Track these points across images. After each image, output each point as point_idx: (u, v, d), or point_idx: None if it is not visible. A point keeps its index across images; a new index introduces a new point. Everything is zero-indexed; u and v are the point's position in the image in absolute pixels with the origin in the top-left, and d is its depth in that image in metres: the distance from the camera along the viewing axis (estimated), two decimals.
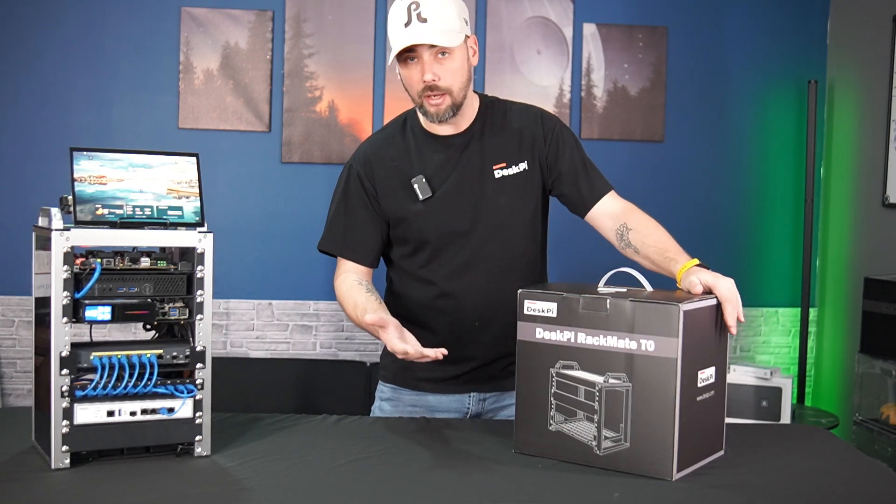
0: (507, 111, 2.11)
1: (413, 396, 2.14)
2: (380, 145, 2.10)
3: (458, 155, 2.05)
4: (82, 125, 3.90)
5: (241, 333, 4.04)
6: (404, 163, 2.06)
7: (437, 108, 1.97)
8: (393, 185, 2.05)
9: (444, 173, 2.04)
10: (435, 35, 1.90)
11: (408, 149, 2.07)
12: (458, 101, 1.98)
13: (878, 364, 3.48)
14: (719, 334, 1.73)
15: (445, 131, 2.06)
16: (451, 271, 2.05)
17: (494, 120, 2.08)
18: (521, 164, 2.06)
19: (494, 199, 2.04)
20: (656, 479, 1.60)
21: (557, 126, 2.10)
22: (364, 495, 1.51)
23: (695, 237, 4.19)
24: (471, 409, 2.12)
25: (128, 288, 1.60)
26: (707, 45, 4.18)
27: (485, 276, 2.05)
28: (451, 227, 2.04)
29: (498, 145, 2.06)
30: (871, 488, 1.62)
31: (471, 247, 2.05)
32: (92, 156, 1.59)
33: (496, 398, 2.12)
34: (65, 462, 1.56)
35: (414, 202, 2.03)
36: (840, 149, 4.17)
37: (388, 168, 2.06)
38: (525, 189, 2.06)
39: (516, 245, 2.08)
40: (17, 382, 3.97)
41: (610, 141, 4.12)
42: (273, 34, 3.97)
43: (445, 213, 2.03)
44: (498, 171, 2.05)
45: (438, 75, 1.94)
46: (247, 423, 1.88)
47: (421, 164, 2.05)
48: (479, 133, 2.07)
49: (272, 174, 3.99)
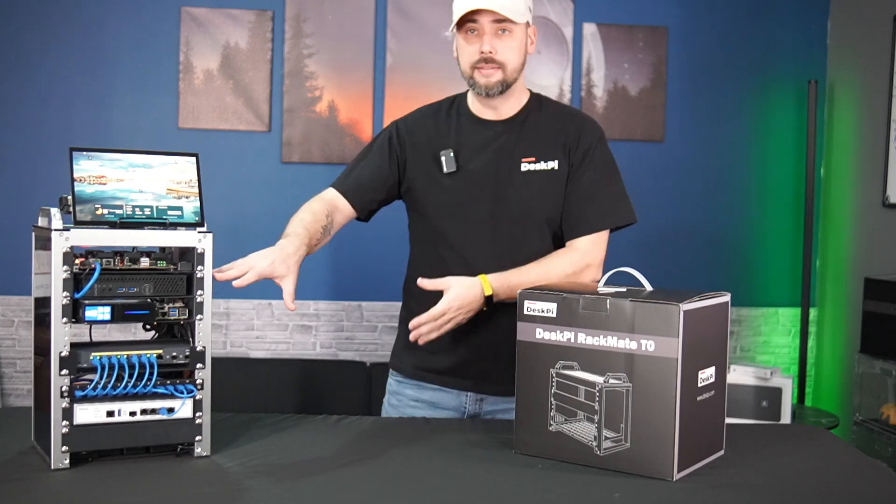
0: (554, 109, 2.12)
1: (414, 391, 2.15)
2: (423, 116, 2.14)
3: (493, 140, 2.06)
4: (82, 125, 3.90)
5: (241, 333, 4.04)
6: (440, 136, 2.08)
7: (487, 78, 1.99)
8: (423, 155, 2.08)
9: (473, 154, 2.05)
10: (501, 4, 1.94)
11: (448, 125, 2.09)
12: (510, 79, 2.00)
13: (878, 364, 3.48)
14: (719, 334, 1.73)
15: (488, 115, 2.07)
16: (463, 254, 2.05)
17: (539, 115, 2.09)
18: (552, 162, 2.05)
19: (516, 190, 2.03)
20: (657, 479, 1.60)
21: (595, 141, 2.08)
22: (364, 495, 1.51)
23: (695, 237, 4.19)
24: (468, 408, 2.12)
25: (127, 288, 1.60)
26: (707, 45, 4.18)
27: (495, 265, 2.02)
28: (468, 207, 2.04)
29: (533, 139, 2.06)
30: (871, 488, 1.62)
31: (484, 232, 2.04)
32: (92, 156, 1.59)
33: (494, 401, 2.11)
34: (64, 462, 1.56)
35: (438, 174, 2.05)
36: (840, 149, 4.17)
37: (423, 137, 2.09)
38: (550, 187, 2.05)
39: (529, 240, 2.06)
40: (16, 382, 3.97)
41: (610, 141, 4.07)
42: (273, 34, 3.97)
43: (465, 193, 2.04)
44: (525, 164, 2.04)
45: (496, 48, 1.97)
46: (247, 423, 1.88)
47: (454, 140, 2.07)
48: (519, 124, 2.07)
49: (272, 174, 3.99)
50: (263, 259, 1.80)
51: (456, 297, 1.90)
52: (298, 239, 1.89)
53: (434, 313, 1.89)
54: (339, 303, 4.06)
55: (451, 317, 1.91)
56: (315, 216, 1.99)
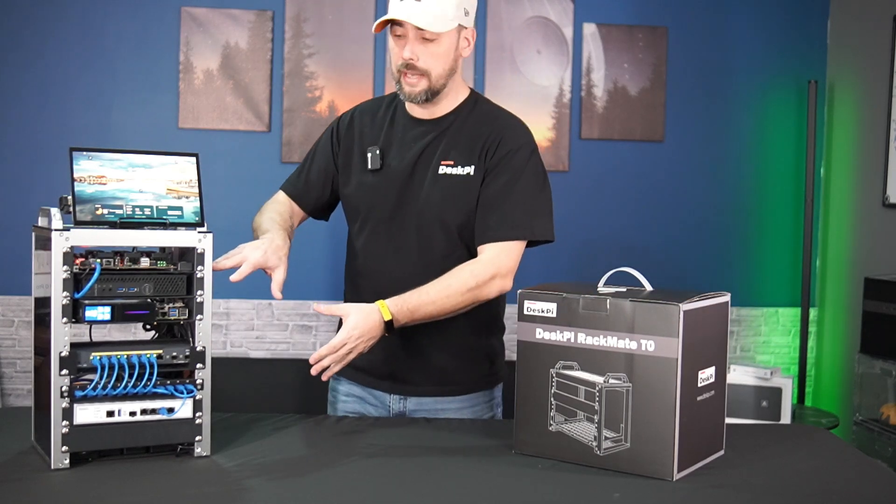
0: (486, 114, 2.06)
1: (345, 387, 2.17)
2: (365, 111, 2.14)
3: (420, 140, 2.04)
4: (82, 125, 3.90)
5: (241, 333, 4.03)
6: (372, 132, 2.09)
7: (411, 87, 1.96)
8: (353, 151, 2.09)
9: (398, 153, 2.04)
10: (421, 16, 1.89)
11: (384, 120, 2.09)
12: (436, 87, 1.97)
13: (878, 364, 3.48)
14: (719, 334, 1.73)
15: (420, 114, 2.06)
16: (372, 252, 2.06)
17: (468, 117, 2.05)
18: (468, 167, 2.00)
19: (427, 192, 2.00)
20: (657, 479, 1.60)
21: (515, 148, 1.99)
22: (364, 495, 1.51)
23: (695, 237, 4.19)
24: (392, 406, 2.10)
25: (127, 288, 1.60)
26: (707, 45, 4.18)
27: (402, 267, 2.01)
28: (381, 205, 2.04)
29: (456, 142, 2.02)
30: (871, 488, 1.62)
31: (392, 233, 2.03)
32: (92, 156, 1.59)
33: (417, 402, 2.08)
34: (64, 462, 1.56)
35: (363, 170, 2.06)
36: (840, 149, 4.17)
37: (358, 132, 2.10)
38: (461, 193, 1.99)
39: (438, 245, 2.01)
40: (17, 382, 3.97)
41: (610, 141, 4.11)
42: (273, 34, 3.97)
43: (381, 191, 2.04)
44: (444, 166, 2.01)
45: (418, 56, 1.93)
46: (247, 423, 1.88)
47: (384, 138, 2.07)
48: (447, 125, 2.04)
49: (272, 174, 3.97)
50: (256, 250, 1.83)
51: (355, 327, 1.82)
52: (282, 234, 1.94)
53: (334, 344, 1.81)
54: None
55: (351, 346, 1.83)
56: (282, 217, 2.04)
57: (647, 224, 4.13)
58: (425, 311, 1.90)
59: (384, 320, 1.86)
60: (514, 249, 1.97)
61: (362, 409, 2.13)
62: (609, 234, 4.04)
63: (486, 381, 2.13)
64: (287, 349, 4.06)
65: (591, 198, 4.08)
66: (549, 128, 4.06)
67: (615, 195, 4.11)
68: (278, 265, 1.85)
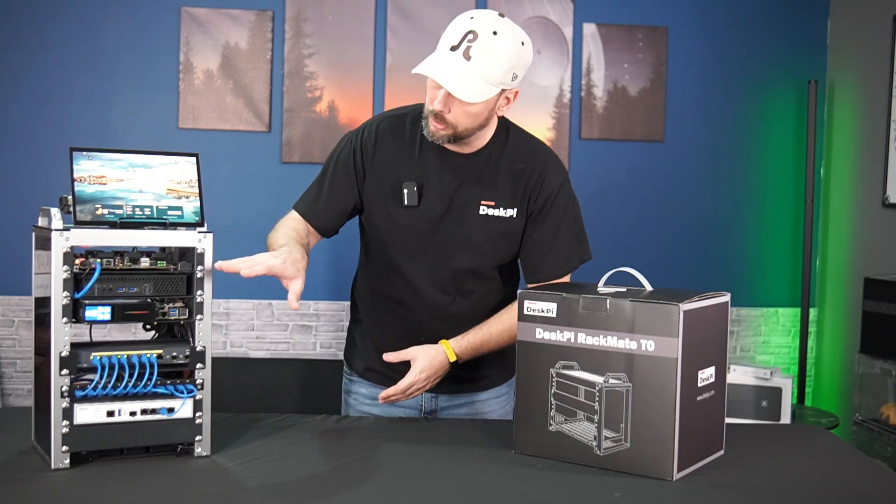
0: (519, 148, 2.03)
1: (368, 389, 2.16)
2: (387, 133, 2.02)
3: (456, 177, 2.00)
4: (82, 125, 3.90)
5: (241, 333, 4.03)
6: (402, 161, 2.00)
7: (435, 131, 1.90)
8: (384, 181, 2.01)
9: (434, 188, 1.99)
10: (458, 85, 1.80)
11: (412, 147, 2.00)
12: (462, 136, 1.92)
13: (878, 364, 3.48)
14: (719, 334, 1.73)
15: (453, 147, 1.99)
16: (409, 282, 2.04)
17: (503, 152, 2.02)
18: (511, 209, 2.01)
19: (470, 233, 2.00)
20: (657, 479, 1.60)
21: (556, 187, 2.02)
22: (364, 495, 1.51)
23: (695, 237, 4.19)
24: (424, 405, 2.14)
25: (128, 288, 1.60)
26: (707, 45, 4.18)
27: (440, 299, 2.04)
28: (420, 242, 2.01)
29: (495, 182, 2.00)
30: (871, 488, 1.62)
31: (432, 267, 2.03)
32: (92, 156, 1.59)
33: (448, 398, 2.14)
34: (65, 462, 1.56)
35: (397, 205, 1.99)
36: (840, 149, 4.17)
37: (385, 158, 2.01)
38: (504, 234, 2.02)
39: (477, 279, 2.05)
40: (17, 382, 3.97)
41: (610, 141, 4.11)
42: (273, 34, 3.97)
43: (420, 227, 2.00)
44: (484, 207, 2.00)
45: (450, 109, 1.86)
46: (247, 423, 1.88)
47: (418, 170, 2.00)
48: (483, 161, 2.00)
49: (272, 174, 3.99)
50: (275, 258, 1.76)
51: (423, 370, 1.94)
52: (299, 249, 1.86)
53: (402, 387, 1.93)
54: (339, 303, 4.05)
55: (419, 387, 1.96)
56: (298, 234, 1.96)
57: (647, 224, 4.13)
58: (486, 348, 2.03)
59: (450, 361, 1.98)
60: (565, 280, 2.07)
61: (388, 411, 2.13)
62: (609, 234, 4.04)
63: (509, 373, 2.18)
64: (287, 349, 4.06)
65: (590, 198, 4.07)
66: (549, 128, 4.06)
67: (615, 195, 4.10)
68: (296, 276, 1.75)
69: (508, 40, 1.83)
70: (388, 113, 2.08)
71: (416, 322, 2.05)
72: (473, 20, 1.83)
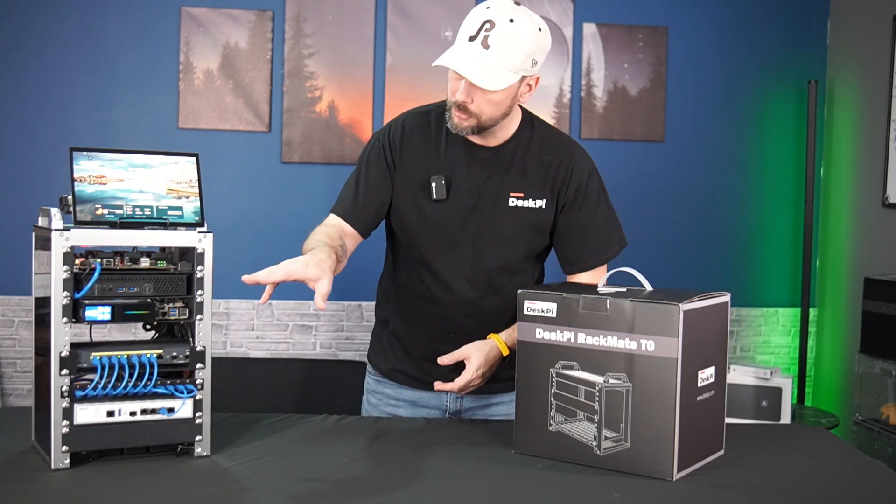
0: (545, 139, 2.05)
1: (393, 390, 2.16)
2: (413, 129, 2.03)
3: (483, 169, 2.01)
4: (82, 125, 3.90)
5: (241, 333, 4.04)
6: (430, 155, 2.02)
7: (459, 122, 1.91)
8: (412, 174, 2.02)
9: (463, 182, 2.00)
10: (479, 73, 1.81)
11: (438, 142, 2.02)
12: (486, 126, 1.92)
13: (878, 364, 3.48)
14: (719, 334, 1.73)
15: (479, 141, 2.00)
16: (439, 278, 2.04)
17: (530, 144, 2.03)
18: (540, 200, 2.02)
19: (500, 225, 2.01)
20: (656, 479, 1.60)
21: (586, 176, 2.04)
22: (364, 495, 1.51)
23: (695, 237, 4.19)
24: (449, 406, 2.14)
25: (128, 288, 1.60)
26: (707, 45, 4.18)
27: (470, 293, 2.04)
28: (450, 236, 2.02)
29: (523, 173, 2.01)
30: (871, 488, 1.62)
31: (463, 262, 2.03)
32: (92, 156, 1.59)
33: (474, 398, 2.13)
34: (65, 462, 1.56)
35: (426, 199, 2.00)
36: (840, 149, 4.17)
37: (412, 154, 2.02)
38: (534, 226, 2.03)
39: (508, 273, 2.05)
40: (17, 382, 3.97)
41: (610, 141, 4.11)
42: (273, 34, 3.97)
43: (449, 221, 2.01)
44: (513, 198, 2.01)
45: (473, 99, 1.87)
46: (247, 423, 1.88)
47: (446, 164, 2.01)
48: (510, 153, 2.02)
49: (272, 174, 3.99)
50: (296, 262, 1.70)
51: (478, 367, 1.93)
52: (327, 251, 1.81)
53: (460, 385, 1.92)
54: (339, 303, 4.05)
55: (475, 383, 1.95)
56: (331, 238, 1.91)
57: (647, 224, 4.13)
58: None
59: (503, 355, 1.97)
60: (603, 269, 2.07)
61: (414, 412, 2.13)
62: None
63: None
64: (287, 349, 4.06)
65: None
66: None
67: (615, 195, 4.08)
68: (320, 276, 1.69)
69: (525, 27, 1.85)
70: (414, 110, 2.10)
71: (446, 319, 2.05)
72: (490, 10, 1.85)
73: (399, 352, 2.14)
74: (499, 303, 2.05)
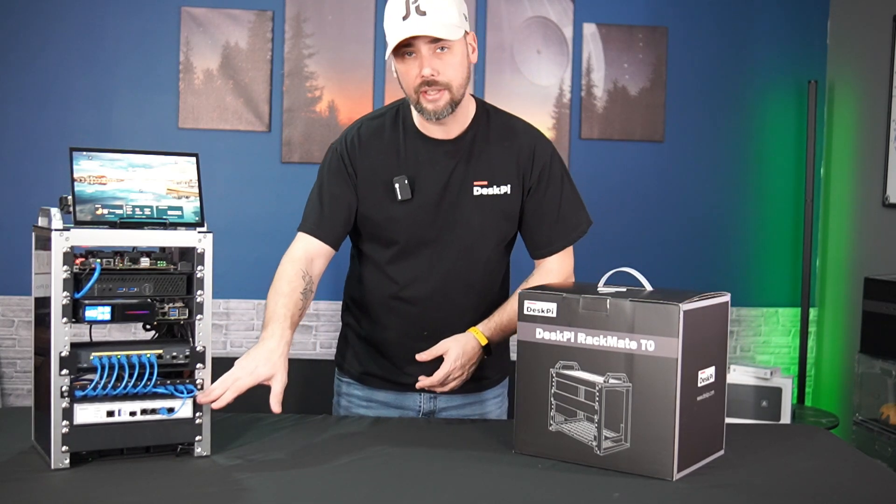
0: (503, 126, 2.06)
1: (364, 392, 2.16)
2: (369, 134, 2.04)
3: (445, 162, 2.01)
4: (82, 125, 3.90)
5: (241, 333, 4.03)
6: (390, 158, 2.01)
7: (434, 103, 1.91)
8: (374, 179, 2.01)
9: (426, 178, 2.00)
10: (435, 27, 1.85)
11: (396, 144, 2.02)
12: (458, 97, 1.93)
13: (878, 364, 3.48)
14: (719, 334, 1.73)
15: (436, 133, 2.01)
16: (411, 277, 2.04)
17: (488, 132, 2.04)
18: (505, 186, 2.02)
19: (468, 216, 2.01)
20: (656, 479, 1.60)
21: (548, 158, 2.05)
22: (364, 495, 1.51)
23: (695, 237, 4.19)
24: (422, 406, 2.13)
25: (128, 288, 1.60)
26: (707, 45, 4.18)
27: (442, 288, 2.04)
28: (419, 233, 2.01)
29: (485, 161, 2.02)
30: (871, 488, 1.62)
31: (434, 258, 2.03)
32: (92, 156, 1.59)
33: (448, 398, 2.13)
34: (65, 462, 1.56)
35: (391, 201, 2.00)
36: (840, 149, 4.17)
37: (372, 159, 2.02)
38: (501, 212, 2.03)
39: (479, 265, 2.06)
40: (17, 382, 3.97)
41: (610, 141, 4.11)
42: (273, 34, 3.97)
43: (417, 219, 2.00)
44: (478, 188, 2.01)
45: (438, 70, 1.88)
46: (247, 423, 1.88)
47: (406, 164, 2.01)
48: (469, 143, 2.02)
49: (272, 174, 3.99)
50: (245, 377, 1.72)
51: (457, 358, 1.95)
52: (281, 326, 1.82)
53: (439, 377, 1.93)
54: (339, 303, 4.05)
55: (456, 375, 1.96)
56: (292, 286, 1.91)
57: (647, 224, 4.13)
58: (513, 327, 2.01)
59: (482, 345, 1.99)
60: (571, 250, 2.12)
61: (387, 413, 2.13)
62: (609, 234, 4.03)
63: (504, 373, 2.22)
64: None
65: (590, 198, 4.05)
66: (549, 128, 4.06)
67: (615, 195, 4.11)
68: (273, 373, 1.74)
69: None
70: (366, 116, 2.10)
71: (419, 316, 2.05)
72: None
73: (371, 354, 2.13)
74: (472, 296, 2.05)
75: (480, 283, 2.06)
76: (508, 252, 2.14)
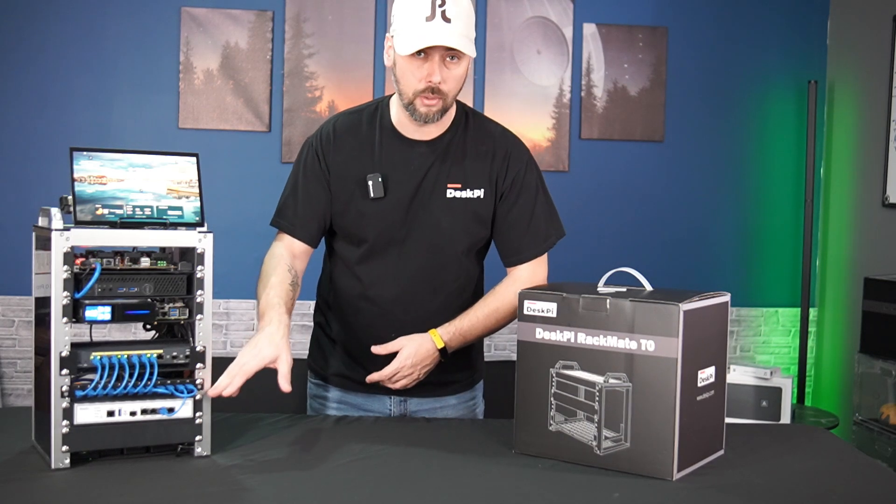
0: (481, 130, 2.05)
1: (336, 394, 2.15)
2: (344, 130, 2.03)
3: (420, 163, 1.99)
4: (82, 125, 3.90)
5: (241, 333, 4.04)
6: (365, 155, 2.00)
7: (429, 109, 1.90)
8: (346, 175, 2.00)
9: (400, 177, 1.99)
10: (460, 40, 1.84)
11: (371, 141, 2.01)
12: (449, 106, 1.94)
13: (878, 364, 3.48)
14: (719, 334, 1.73)
15: (413, 134, 2.00)
16: (378, 276, 2.03)
17: (465, 136, 2.03)
18: (478, 190, 2.01)
19: (437, 217, 2.00)
20: (656, 479, 1.60)
21: (523, 166, 2.04)
22: (364, 495, 1.51)
23: (695, 237, 4.19)
24: (392, 409, 2.12)
25: (128, 288, 1.60)
26: (707, 45, 4.18)
27: (410, 290, 2.03)
28: (388, 232, 2.00)
29: (459, 164, 2.01)
30: (871, 488, 1.62)
31: (401, 258, 2.01)
32: (92, 156, 1.59)
33: (418, 402, 2.11)
34: (65, 462, 1.56)
35: (363, 198, 1.99)
36: (840, 149, 4.17)
37: (345, 155, 2.01)
38: (473, 215, 2.01)
39: (448, 269, 2.04)
40: (17, 382, 3.97)
41: (610, 141, 4.12)
42: (273, 34, 3.97)
43: (387, 218, 1.99)
44: (451, 190, 2.00)
45: (445, 79, 1.88)
46: (247, 423, 1.88)
47: (381, 162, 2.00)
48: (446, 145, 2.01)
49: (272, 174, 3.99)
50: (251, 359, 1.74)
51: (408, 357, 1.94)
52: (277, 312, 1.83)
53: (388, 373, 1.94)
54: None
55: (405, 374, 1.95)
56: (280, 278, 1.93)
57: (647, 224, 4.13)
58: (474, 333, 2.02)
59: (437, 348, 1.97)
60: (544, 259, 2.08)
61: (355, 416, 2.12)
62: (609, 234, 4.04)
63: (476, 377, 2.20)
64: None
65: (591, 198, 4.08)
66: (549, 128, 4.06)
67: (615, 195, 4.11)
68: (277, 354, 1.74)
69: None
70: (343, 112, 2.09)
71: (387, 318, 2.02)
72: None
73: (341, 356, 2.12)
74: (441, 299, 2.04)
75: (449, 287, 2.04)
76: (481, 258, 2.12)
